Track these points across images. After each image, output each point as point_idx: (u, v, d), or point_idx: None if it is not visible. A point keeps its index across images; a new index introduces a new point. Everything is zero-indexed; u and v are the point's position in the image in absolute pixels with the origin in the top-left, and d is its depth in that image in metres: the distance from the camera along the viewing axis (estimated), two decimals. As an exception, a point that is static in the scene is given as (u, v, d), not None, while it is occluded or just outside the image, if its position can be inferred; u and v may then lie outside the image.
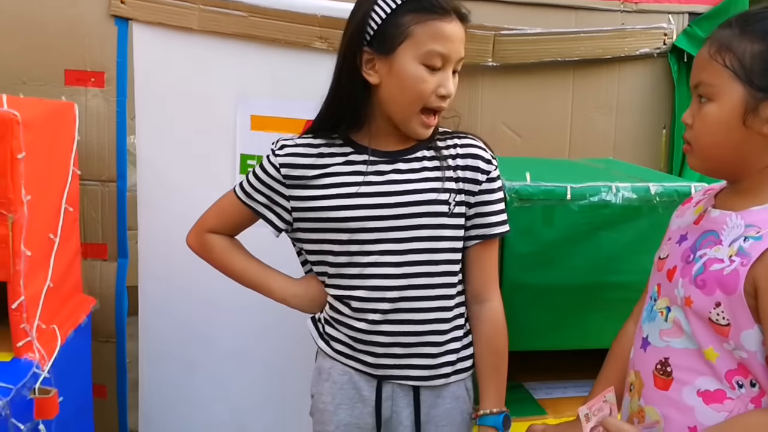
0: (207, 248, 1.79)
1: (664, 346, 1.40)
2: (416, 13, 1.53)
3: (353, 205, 1.60)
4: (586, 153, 2.65)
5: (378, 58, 1.56)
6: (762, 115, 1.28)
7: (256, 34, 2.32)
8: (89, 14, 2.32)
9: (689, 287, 1.35)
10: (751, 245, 1.27)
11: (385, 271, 1.61)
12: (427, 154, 1.65)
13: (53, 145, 1.97)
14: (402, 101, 1.57)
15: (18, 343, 1.77)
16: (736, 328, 1.29)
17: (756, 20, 1.31)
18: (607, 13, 2.67)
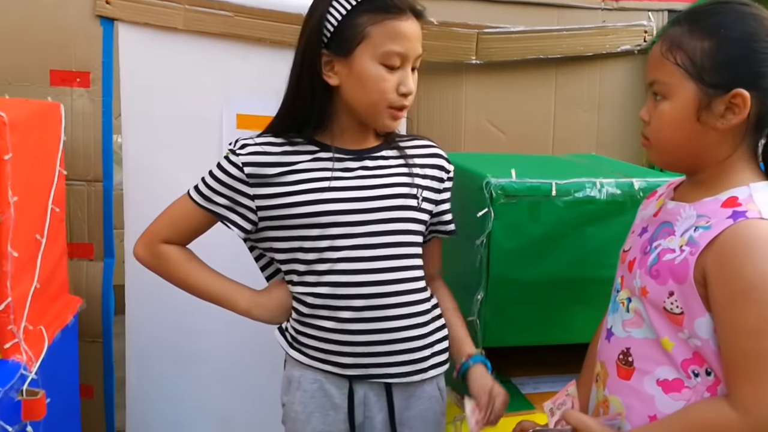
0: (161, 260, 1.70)
1: (626, 336, 1.42)
2: (372, 14, 1.53)
3: (324, 200, 1.59)
4: (570, 149, 2.67)
5: (336, 60, 1.57)
6: (715, 111, 1.30)
7: (242, 33, 2.33)
8: (74, 15, 2.32)
9: (645, 277, 1.37)
10: (700, 234, 1.29)
11: (356, 266, 1.60)
12: (391, 154, 1.67)
13: (39, 145, 1.96)
14: (364, 101, 1.58)
15: (5, 344, 1.75)
16: (690, 317, 1.30)
17: (705, 17, 1.33)
18: (588, 11, 2.70)
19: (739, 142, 1.34)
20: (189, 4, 2.31)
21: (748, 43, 1.30)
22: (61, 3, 2.32)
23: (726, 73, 1.30)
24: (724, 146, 1.34)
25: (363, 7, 1.54)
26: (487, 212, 1.88)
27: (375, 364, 1.63)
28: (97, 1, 2.31)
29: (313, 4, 1.61)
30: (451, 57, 2.56)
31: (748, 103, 1.29)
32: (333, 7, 1.55)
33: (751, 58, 1.30)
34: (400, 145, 1.69)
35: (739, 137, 1.34)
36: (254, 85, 2.33)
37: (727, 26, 1.31)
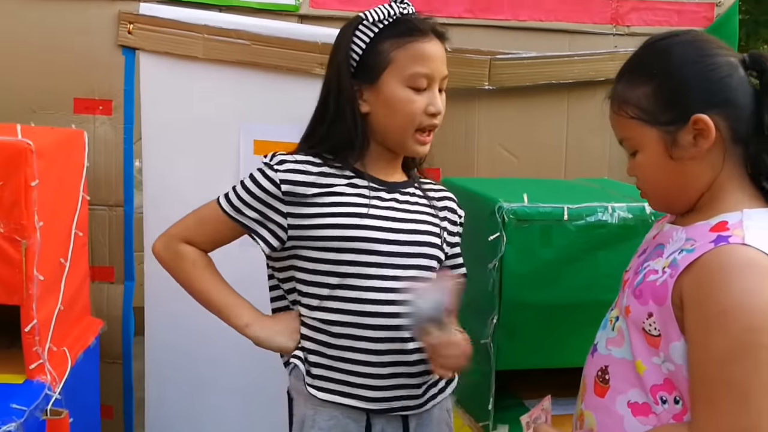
0: (177, 258, 1.67)
1: (607, 354, 1.42)
2: (395, 39, 1.55)
3: (360, 225, 1.57)
4: (582, 173, 2.69)
5: (365, 88, 1.58)
6: (684, 144, 1.30)
7: (259, 61, 2.38)
8: (98, 44, 2.38)
9: (630, 297, 1.37)
10: (683, 257, 1.27)
11: (381, 296, 1.57)
12: (416, 192, 1.69)
13: (64, 172, 2.00)
14: (394, 125, 1.58)
15: (30, 365, 1.79)
16: (666, 340, 1.29)
17: (637, 64, 1.35)
18: (600, 36, 2.75)
19: (721, 161, 1.32)
20: (208, 33, 2.36)
21: (684, 70, 1.30)
22: (85, 33, 2.38)
23: (676, 107, 1.30)
24: (708, 171, 1.32)
25: (386, 33, 1.56)
26: (500, 236, 1.89)
27: (396, 397, 1.60)
28: (120, 31, 2.37)
29: (339, 35, 1.63)
30: (464, 83, 2.59)
31: (711, 124, 1.27)
32: (356, 36, 1.58)
33: (693, 84, 1.30)
34: (423, 186, 1.71)
35: (719, 157, 1.32)
36: (271, 111, 2.38)
37: (656, 66, 1.32)
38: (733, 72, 1.30)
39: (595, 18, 2.72)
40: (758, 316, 1.19)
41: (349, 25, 1.61)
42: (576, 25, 2.72)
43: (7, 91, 2.36)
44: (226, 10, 2.48)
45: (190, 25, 2.36)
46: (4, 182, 1.69)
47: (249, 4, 2.50)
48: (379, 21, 1.57)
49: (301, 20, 2.53)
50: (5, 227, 1.71)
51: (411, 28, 1.56)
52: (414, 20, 1.59)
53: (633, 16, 2.75)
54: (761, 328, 1.19)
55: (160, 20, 2.36)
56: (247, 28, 2.38)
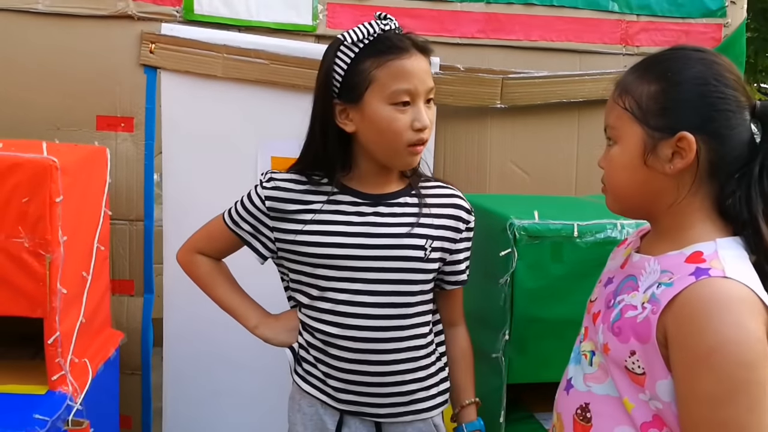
0: (193, 268, 1.83)
1: (586, 390, 1.35)
2: (375, 57, 1.56)
3: (331, 243, 1.63)
4: (592, 190, 2.66)
5: (350, 108, 1.60)
6: (661, 155, 1.26)
7: (277, 80, 2.41)
8: (120, 63, 2.43)
9: (607, 333, 1.30)
10: (662, 292, 1.21)
11: (355, 310, 1.63)
12: (409, 201, 1.68)
13: (87, 187, 2.04)
14: (382, 143, 1.60)
15: (53, 376, 1.81)
16: (651, 378, 1.23)
17: (654, 63, 1.31)
18: (609, 56, 2.76)
19: (691, 189, 1.27)
20: (227, 53, 2.40)
21: (694, 86, 1.26)
22: (108, 52, 2.43)
23: (671, 117, 1.25)
24: (674, 192, 1.28)
25: (366, 52, 1.57)
26: (511, 252, 1.90)
27: (367, 404, 1.67)
28: (142, 51, 2.42)
29: (323, 56, 1.66)
30: (476, 101, 2.62)
31: (694, 147, 1.23)
32: (338, 57, 1.60)
33: (697, 101, 1.25)
34: (421, 192, 1.70)
35: (688, 184, 1.27)
36: (288, 129, 2.30)
37: (674, 70, 1.27)
38: (737, 110, 1.26)
39: (605, 38, 2.74)
40: (747, 352, 1.14)
41: (331, 47, 1.63)
42: (586, 45, 2.74)
43: (32, 108, 2.41)
44: (245, 30, 2.51)
45: (210, 44, 2.40)
46: (29, 198, 1.72)
47: (267, 24, 2.54)
48: (359, 41, 1.58)
49: (317, 40, 2.56)
50: (30, 242, 1.74)
51: (390, 45, 1.57)
52: (393, 37, 1.59)
53: (642, 37, 2.77)
54: (751, 363, 1.14)
55: (181, 40, 2.40)
56: (266, 47, 2.42)
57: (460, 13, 2.66)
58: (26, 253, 1.74)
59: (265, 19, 2.53)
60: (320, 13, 2.57)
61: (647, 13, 2.77)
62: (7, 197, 1.72)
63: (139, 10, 2.43)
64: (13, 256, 1.74)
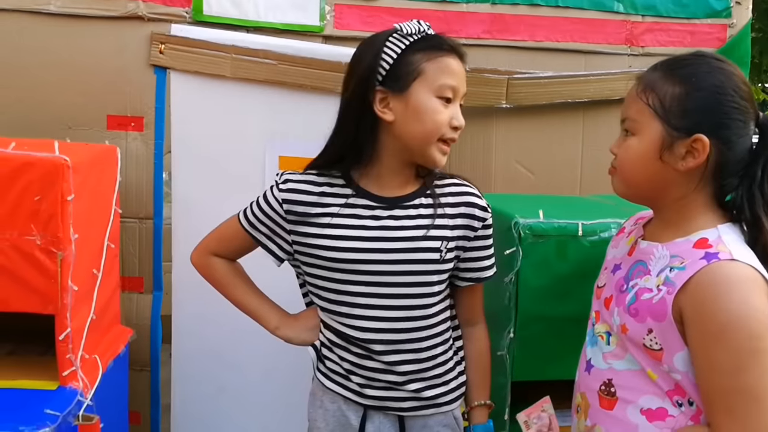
0: (210, 270, 1.83)
1: (607, 368, 1.48)
2: (425, 52, 1.60)
3: (347, 248, 1.64)
4: (596, 190, 2.70)
5: (392, 96, 1.61)
6: (676, 153, 1.39)
7: (285, 80, 2.42)
8: (130, 64, 2.45)
9: (624, 315, 1.43)
10: (675, 275, 1.35)
11: (372, 313, 1.65)
12: (424, 202, 1.69)
13: (98, 186, 2.06)
14: (420, 133, 1.61)
15: (64, 372, 1.83)
16: (669, 352, 1.36)
17: (679, 65, 1.42)
18: (614, 56, 2.77)
19: (698, 185, 1.41)
20: (236, 53, 2.41)
21: (714, 94, 1.38)
22: (118, 53, 2.45)
23: (691, 119, 1.38)
24: (681, 187, 1.42)
25: (417, 46, 1.61)
26: (516, 251, 1.92)
27: (390, 398, 1.70)
28: (152, 51, 2.44)
29: (363, 47, 1.67)
30: (482, 101, 2.63)
31: (707, 149, 1.37)
32: (387, 47, 1.61)
33: (716, 108, 1.38)
34: (436, 192, 1.70)
35: (696, 181, 1.41)
36: (296, 128, 2.42)
37: (698, 76, 1.39)
38: (747, 120, 1.39)
39: (610, 39, 2.75)
40: (756, 325, 1.28)
41: (377, 37, 1.65)
42: (591, 46, 2.75)
43: (44, 107, 2.43)
44: (254, 31, 2.53)
45: (219, 45, 2.41)
46: (42, 196, 1.74)
47: (275, 25, 2.56)
48: (410, 34, 1.62)
49: (325, 41, 2.58)
50: (42, 239, 1.75)
51: (440, 43, 1.62)
52: (442, 38, 1.65)
53: (647, 37, 2.78)
54: (760, 335, 1.28)
55: (190, 41, 2.41)
56: (274, 48, 2.43)
57: (466, 14, 2.67)
58: (38, 251, 1.76)
59: (273, 20, 2.55)
60: (327, 14, 2.59)
61: (652, 14, 2.78)
62: (19, 195, 1.74)
63: (149, 11, 2.45)
64: (26, 253, 1.76)
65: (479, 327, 1.83)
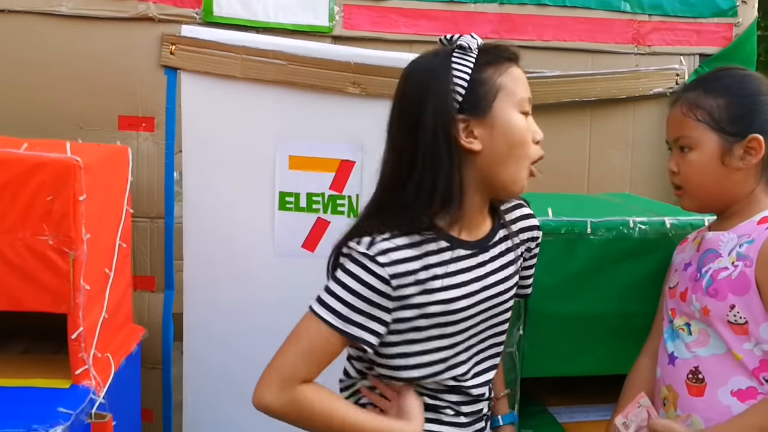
0: (300, 409, 1.38)
1: (692, 357, 1.56)
2: (495, 65, 1.40)
3: (462, 298, 1.43)
4: (604, 188, 2.72)
5: (474, 122, 1.38)
6: (735, 155, 1.57)
7: (294, 80, 2.43)
8: (141, 65, 2.46)
9: (703, 299, 1.53)
10: (746, 249, 1.51)
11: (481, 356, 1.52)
12: (500, 235, 1.52)
13: (110, 186, 2.07)
14: (512, 157, 1.41)
15: (76, 370, 1.83)
16: (755, 323, 1.48)
17: (714, 80, 1.60)
18: (622, 55, 2.78)
19: (758, 177, 1.59)
20: (246, 54, 2.42)
21: (754, 98, 1.59)
22: (129, 54, 2.46)
23: (741, 123, 1.57)
24: (747, 183, 1.59)
25: (483, 59, 1.40)
26: None
27: None
28: (162, 52, 2.45)
29: (418, 75, 1.43)
30: (489, 100, 2.65)
31: (763, 145, 1.55)
32: (455, 69, 1.38)
33: (759, 109, 1.58)
34: (506, 220, 1.55)
35: (758, 174, 1.59)
36: (306, 128, 2.42)
37: (735, 86, 1.59)
38: None
39: (616, 38, 2.76)
40: None
41: (434, 60, 1.41)
42: (598, 45, 2.76)
43: (56, 108, 2.44)
44: (263, 31, 2.54)
45: (229, 46, 2.42)
46: (54, 196, 1.74)
47: (285, 26, 2.57)
48: (473, 49, 1.40)
49: (334, 41, 2.59)
50: (54, 239, 1.76)
51: (502, 51, 1.42)
52: (500, 46, 1.44)
53: (654, 36, 2.78)
54: None
55: (200, 42, 2.42)
56: (283, 48, 2.43)
57: (474, 14, 2.68)
58: (50, 251, 1.76)
59: (282, 21, 2.56)
60: (336, 15, 2.60)
61: (659, 13, 2.78)
62: (32, 196, 1.74)
63: (159, 13, 2.47)
64: (38, 253, 1.77)
65: None
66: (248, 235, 2.47)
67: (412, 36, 2.59)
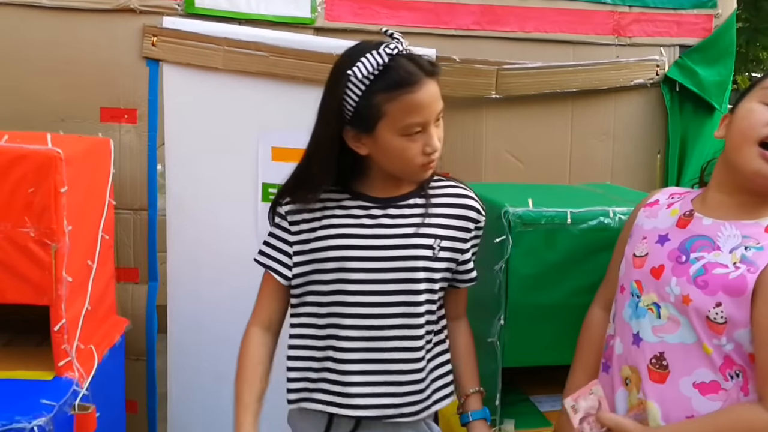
0: (243, 344, 1.77)
1: (658, 341, 1.51)
2: (386, 92, 1.52)
3: (342, 246, 1.62)
4: (585, 178, 2.74)
5: (362, 135, 1.57)
6: None
7: (276, 72, 2.44)
8: (123, 56, 2.46)
9: (687, 286, 1.48)
10: (753, 254, 1.43)
11: (366, 311, 1.62)
12: (419, 201, 1.67)
13: (92, 178, 2.07)
14: (394, 165, 1.60)
15: (59, 362, 1.84)
16: (733, 326, 1.42)
17: None
18: (603, 47, 2.80)
19: None
20: (228, 45, 2.43)
21: None
22: (111, 45, 2.46)
23: None
24: None
25: (376, 86, 1.52)
26: (506, 239, 1.92)
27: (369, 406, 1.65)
28: (144, 44, 2.45)
29: (330, 83, 1.60)
30: (472, 92, 2.66)
31: None
32: (349, 88, 1.54)
33: None
34: (429, 192, 1.69)
35: None
36: (288, 119, 2.43)
37: None
38: None
39: (597, 29, 2.78)
40: None
41: (341, 74, 1.56)
42: (579, 37, 2.77)
43: (37, 100, 2.44)
44: (245, 23, 2.55)
45: (211, 37, 2.43)
46: (35, 189, 1.75)
47: (267, 17, 2.57)
48: (369, 75, 1.52)
49: (316, 32, 2.60)
50: (36, 231, 1.76)
51: (402, 79, 1.52)
52: (403, 68, 1.53)
53: (634, 28, 2.80)
54: None
55: (182, 33, 2.43)
56: (265, 40, 2.45)
57: (456, 6, 2.69)
58: (32, 243, 1.77)
59: (264, 12, 2.56)
60: (318, 6, 2.60)
61: (639, 5, 2.80)
62: (13, 188, 1.75)
63: (141, 4, 2.47)
64: (20, 245, 1.77)
65: (463, 321, 1.82)
66: (232, 227, 2.48)
67: (393, 27, 2.52)
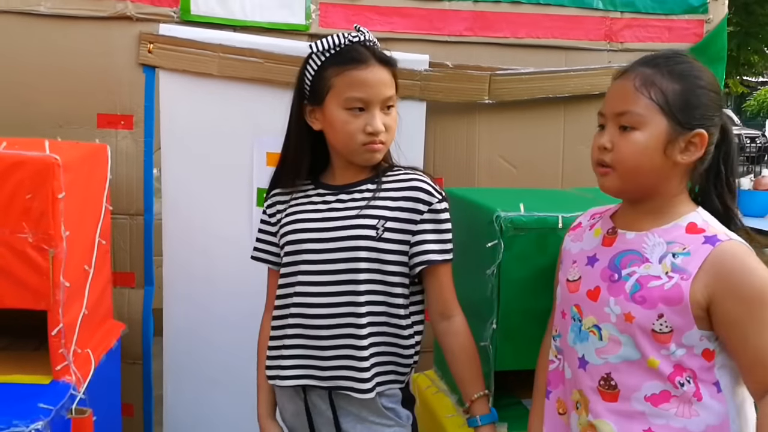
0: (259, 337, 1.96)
1: (603, 363, 1.49)
2: (336, 66, 1.71)
3: (298, 230, 1.77)
4: (577, 183, 2.72)
5: (316, 109, 1.75)
6: (677, 147, 1.44)
7: (271, 78, 2.46)
8: (119, 63, 2.48)
9: (627, 304, 1.46)
10: (683, 261, 1.42)
11: (311, 289, 1.74)
12: (370, 187, 1.78)
13: (89, 184, 2.09)
14: (339, 141, 1.74)
15: (57, 366, 1.85)
16: (678, 332, 1.42)
17: (674, 62, 1.46)
18: (594, 52, 2.81)
19: (686, 180, 1.49)
20: (223, 52, 2.45)
21: (710, 91, 1.46)
22: (108, 53, 2.48)
23: (691, 114, 1.44)
24: (676, 179, 1.48)
25: (329, 61, 1.72)
26: (497, 244, 1.92)
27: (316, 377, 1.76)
28: (140, 51, 2.47)
29: (300, 68, 1.81)
30: (465, 97, 2.68)
31: (705, 143, 1.44)
32: (308, 64, 1.76)
33: (711, 105, 1.46)
34: (382, 179, 1.79)
35: (687, 176, 1.49)
36: (282, 125, 2.34)
37: (693, 74, 1.46)
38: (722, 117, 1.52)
39: (590, 35, 2.79)
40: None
41: (305, 61, 1.78)
42: (572, 42, 2.79)
43: (35, 107, 2.46)
44: (240, 30, 2.56)
45: (206, 44, 2.45)
46: (33, 195, 1.76)
47: (261, 24, 2.58)
48: (325, 50, 1.73)
49: (310, 39, 2.56)
50: (34, 237, 1.78)
51: (351, 57, 1.71)
52: (355, 49, 1.72)
53: (626, 33, 2.82)
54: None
55: (178, 40, 2.45)
56: (260, 46, 2.47)
57: (449, 12, 2.71)
58: (30, 248, 1.78)
59: (259, 19, 2.58)
60: (313, 13, 2.62)
61: (631, 10, 2.82)
62: (11, 194, 1.76)
63: (137, 12, 2.49)
64: (18, 250, 1.78)
65: (456, 320, 1.81)
66: (227, 232, 2.50)
67: (387, 34, 2.61)
